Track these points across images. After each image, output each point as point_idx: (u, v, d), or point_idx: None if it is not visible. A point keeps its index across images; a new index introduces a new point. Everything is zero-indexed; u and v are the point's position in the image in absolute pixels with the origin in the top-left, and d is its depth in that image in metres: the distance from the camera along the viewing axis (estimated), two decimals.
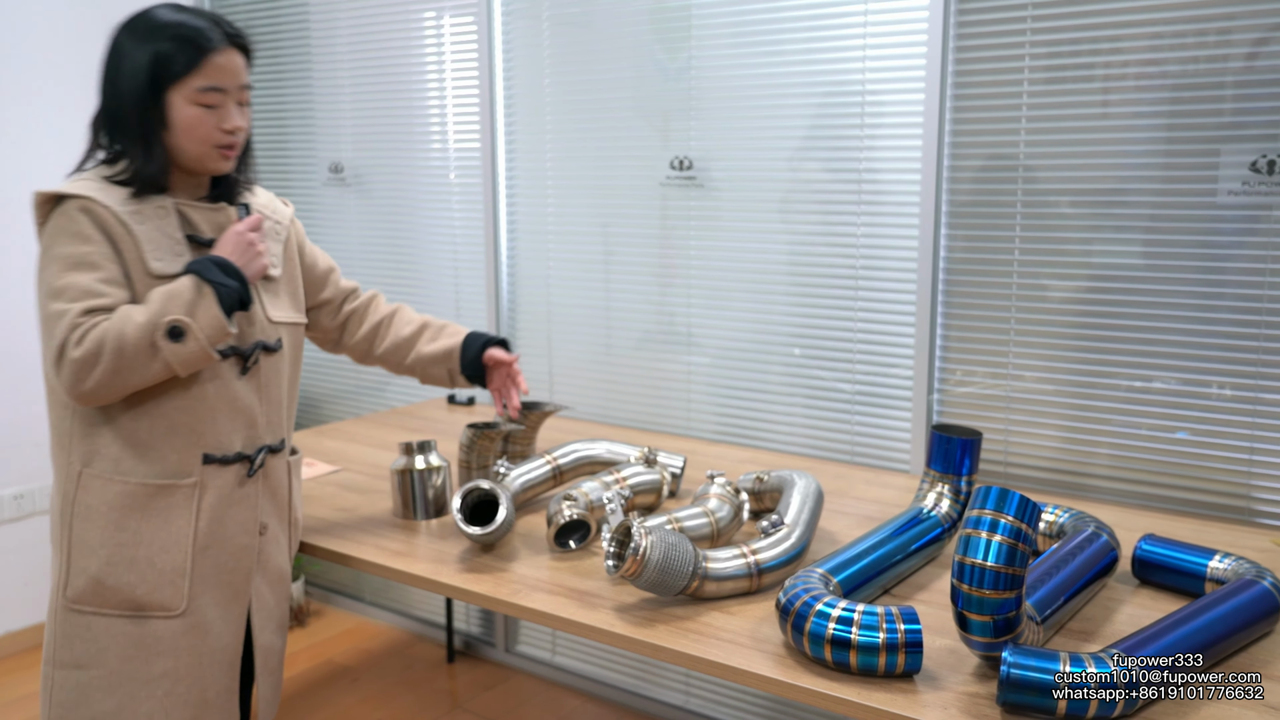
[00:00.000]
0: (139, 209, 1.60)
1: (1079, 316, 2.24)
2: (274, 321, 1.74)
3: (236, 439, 1.69)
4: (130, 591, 1.62)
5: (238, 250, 1.63)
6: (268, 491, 1.76)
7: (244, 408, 1.69)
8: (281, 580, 1.82)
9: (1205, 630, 1.40)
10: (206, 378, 1.64)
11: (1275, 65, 1.98)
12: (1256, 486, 2.10)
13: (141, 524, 1.62)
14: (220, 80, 1.61)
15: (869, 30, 2.40)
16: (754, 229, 2.64)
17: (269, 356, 1.73)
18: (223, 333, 1.57)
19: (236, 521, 1.70)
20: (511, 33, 2.99)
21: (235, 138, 1.65)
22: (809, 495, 1.89)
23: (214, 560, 1.68)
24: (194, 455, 1.65)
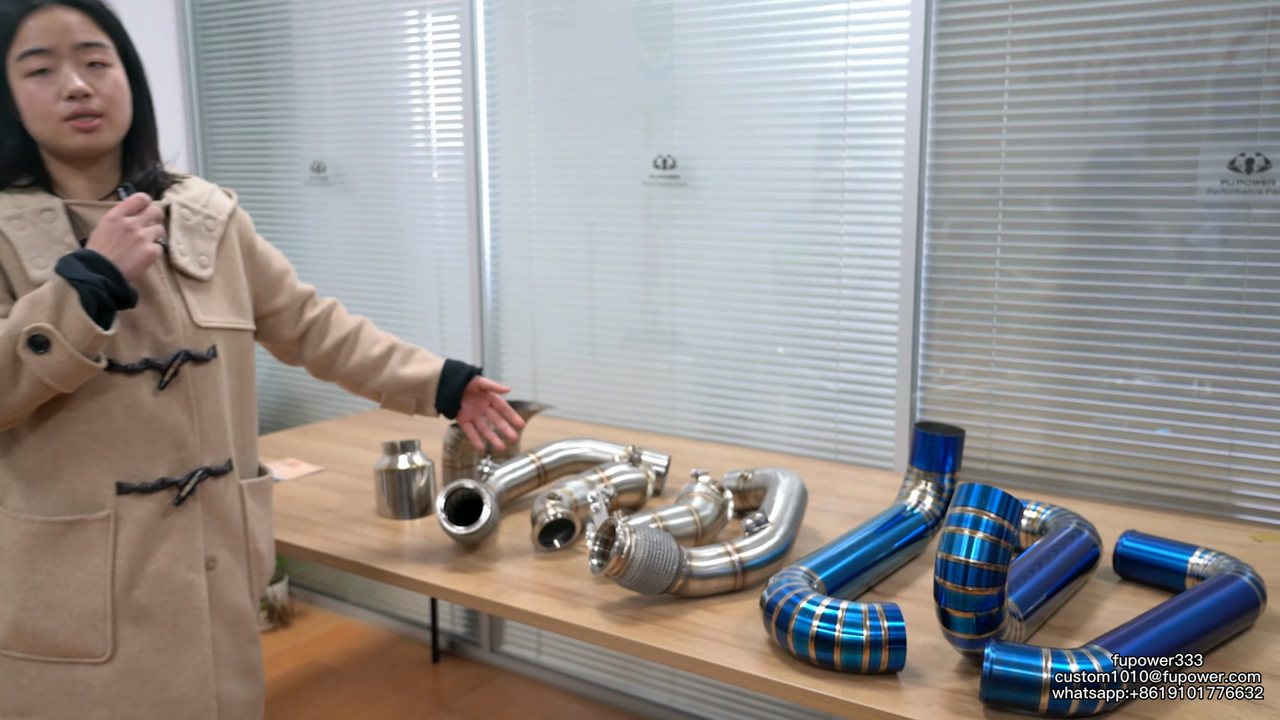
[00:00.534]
0: (19, 213, 1.43)
1: (1060, 314, 2.26)
2: (202, 327, 1.53)
3: (159, 463, 1.48)
4: (51, 637, 1.45)
5: (111, 239, 1.39)
6: (213, 520, 1.55)
7: (167, 427, 1.48)
8: (241, 620, 1.60)
9: (1186, 625, 1.41)
10: (112, 394, 1.44)
11: (1254, 64, 2.00)
12: (1236, 483, 2.11)
13: (54, 565, 1.44)
14: (43, 41, 1.40)
15: (851, 29, 2.41)
16: (737, 228, 2.64)
17: (198, 367, 1.51)
18: (91, 337, 1.34)
19: (169, 556, 1.49)
20: (494, 31, 2.98)
21: (86, 104, 1.42)
22: (793, 493, 1.89)
23: (143, 601, 1.48)
24: (105, 484, 1.45)
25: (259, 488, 1.66)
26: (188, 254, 1.54)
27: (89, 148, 1.45)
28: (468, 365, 1.87)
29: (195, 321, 1.52)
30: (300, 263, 3.50)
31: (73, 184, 1.49)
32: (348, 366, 1.84)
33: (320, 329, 1.83)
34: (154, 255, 1.42)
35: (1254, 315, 2.05)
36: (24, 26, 1.41)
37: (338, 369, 1.85)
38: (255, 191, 3.60)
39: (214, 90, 3.63)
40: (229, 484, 1.57)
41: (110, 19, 1.48)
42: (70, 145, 1.44)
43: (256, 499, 1.64)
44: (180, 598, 1.50)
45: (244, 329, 1.63)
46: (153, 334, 1.48)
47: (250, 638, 1.64)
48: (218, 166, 3.68)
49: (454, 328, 3.19)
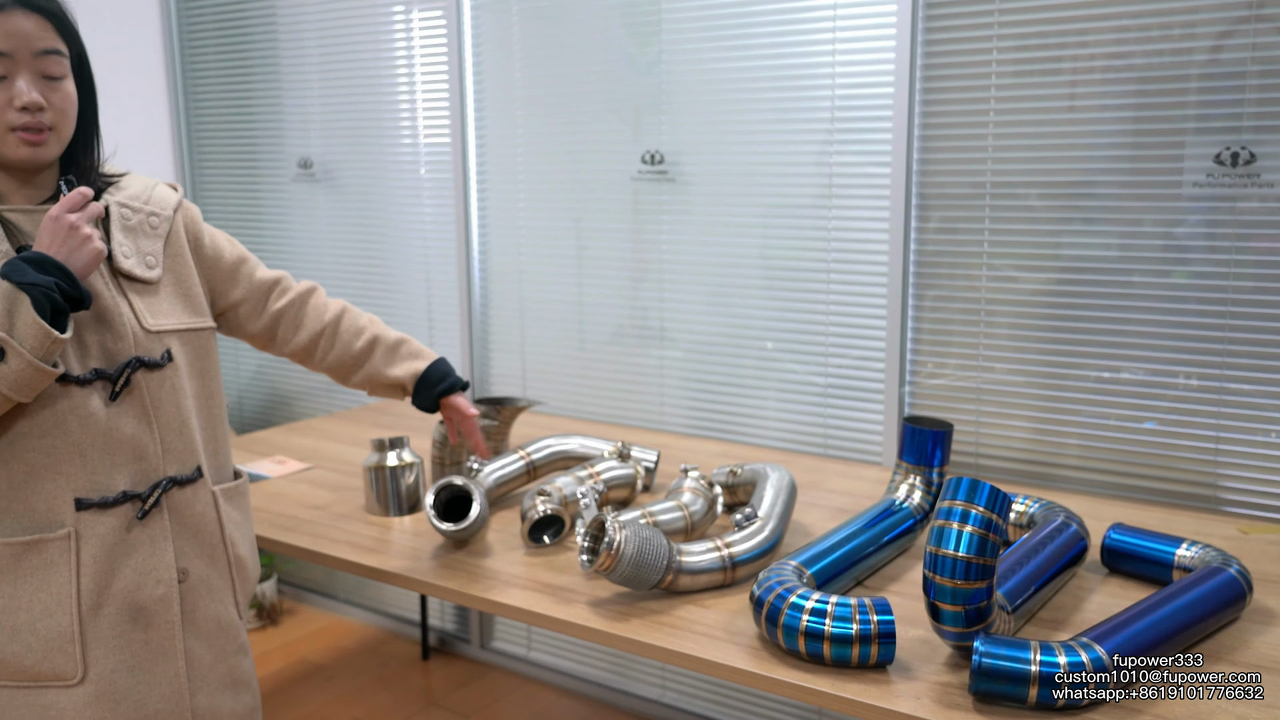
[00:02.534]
0: None
1: (1048, 308, 2.26)
2: (152, 331, 1.45)
3: (119, 476, 1.41)
4: (19, 662, 1.38)
5: (56, 238, 1.32)
6: (184, 531, 1.48)
7: (124, 438, 1.41)
8: (222, 631, 1.53)
9: (1174, 618, 1.42)
10: (65, 406, 1.37)
11: (1239, 59, 2.00)
12: (1223, 475, 2.12)
13: (15, 588, 1.38)
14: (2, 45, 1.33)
15: (838, 25, 2.41)
16: (726, 223, 2.64)
17: (152, 373, 1.44)
18: (48, 340, 1.28)
19: (136, 572, 1.43)
20: (481, 27, 2.97)
21: (37, 117, 1.36)
22: (782, 488, 1.89)
23: (113, 619, 1.41)
24: (64, 501, 1.38)
25: (234, 492, 1.58)
26: (131, 255, 1.47)
27: (32, 161, 1.39)
28: (450, 376, 1.80)
29: (145, 326, 1.45)
30: (287, 260, 3.49)
31: (9, 191, 1.41)
32: (327, 361, 1.76)
33: (292, 320, 1.72)
34: (102, 252, 1.36)
35: (1240, 309, 2.06)
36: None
37: (317, 363, 1.77)
38: (241, 188, 3.58)
39: (199, 87, 3.61)
40: (199, 491, 1.50)
41: (69, 26, 1.42)
42: (13, 156, 1.38)
43: (232, 504, 1.57)
44: (150, 614, 1.44)
45: (201, 328, 1.55)
46: (101, 342, 1.41)
47: (236, 648, 1.56)
48: (204, 163, 3.66)
49: (442, 324, 3.19)
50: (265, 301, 1.69)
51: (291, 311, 1.72)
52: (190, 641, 1.49)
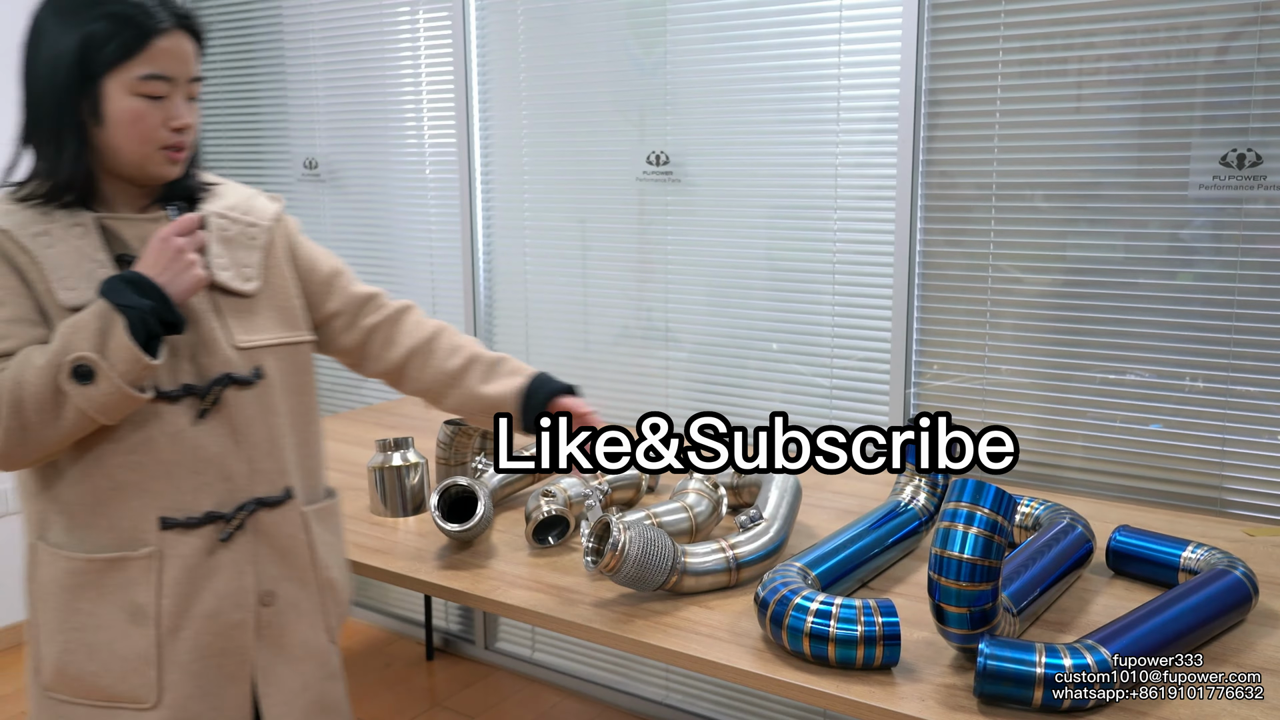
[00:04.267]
0: (47, 229, 1.32)
1: (1053, 310, 2.26)
2: (243, 347, 1.41)
3: (205, 496, 1.37)
4: (95, 681, 1.36)
5: (160, 261, 1.29)
6: (271, 553, 1.43)
7: (211, 457, 1.37)
8: (311, 656, 1.47)
9: (1179, 620, 1.41)
10: (154, 424, 1.33)
11: (1246, 60, 2.00)
12: (1228, 477, 2.12)
13: (96, 605, 1.35)
14: (167, 68, 1.33)
15: (844, 26, 2.41)
16: (731, 224, 2.64)
17: (242, 391, 1.39)
18: (139, 366, 1.25)
19: (217, 595, 1.38)
20: (486, 27, 2.97)
21: (183, 137, 1.37)
22: (787, 489, 1.89)
23: (191, 644, 1.37)
24: (148, 520, 1.35)
25: (325, 512, 1.52)
26: (229, 268, 1.42)
27: (169, 177, 1.39)
28: (555, 381, 1.62)
29: (235, 343, 1.40)
30: None
31: (118, 198, 1.40)
32: (422, 381, 1.63)
33: (386, 336, 1.62)
34: (204, 280, 1.33)
35: (1246, 310, 2.06)
36: (154, 46, 1.31)
37: (410, 382, 1.64)
38: None
39: (205, 86, 3.61)
40: (288, 513, 1.44)
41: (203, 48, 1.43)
42: (155, 172, 1.37)
43: (323, 524, 1.51)
44: (227, 639, 1.39)
45: (298, 341, 1.49)
46: (192, 357, 1.37)
47: (328, 674, 1.50)
48: (208, 164, 3.66)
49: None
50: (359, 316, 1.61)
51: (385, 328, 1.62)
52: (277, 667, 1.43)
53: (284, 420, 1.45)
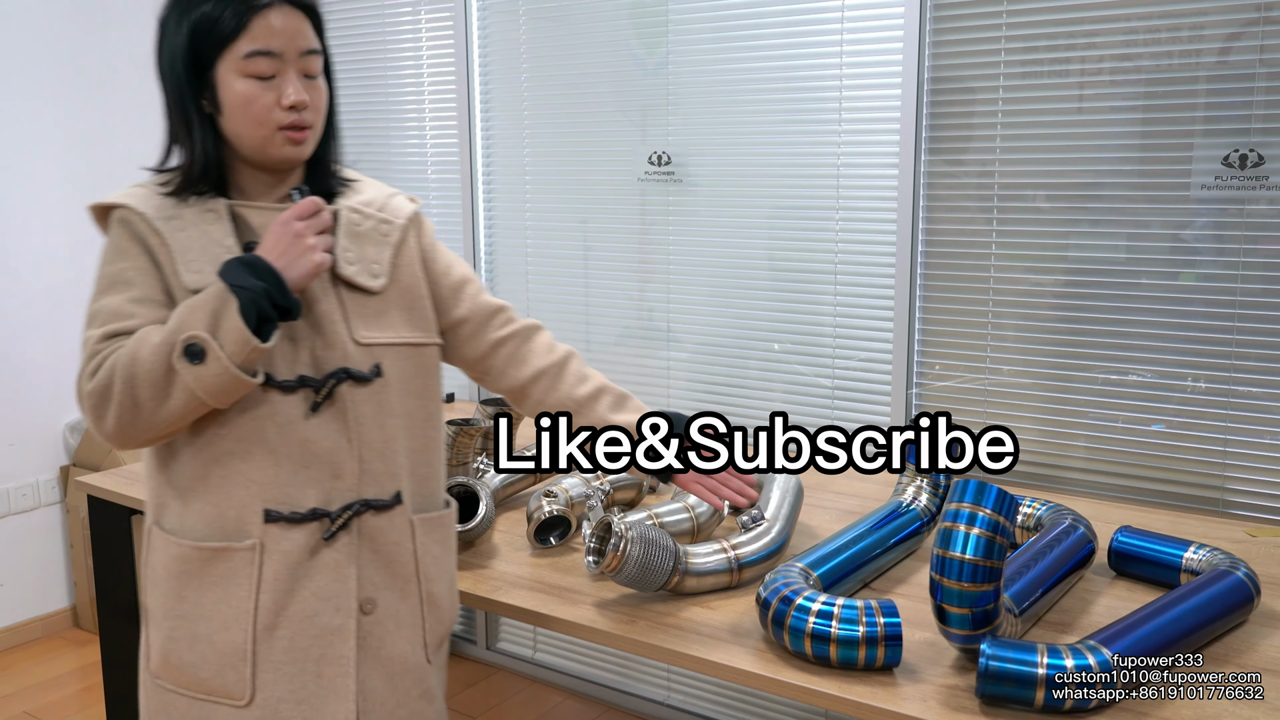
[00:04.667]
0: (180, 214, 1.34)
1: (1055, 310, 2.26)
2: (363, 343, 1.38)
3: (311, 491, 1.34)
4: (195, 672, 1.34)
5: (279, 245, 1.28)
6: (375, 559, 1.38)
7: (321, 452, 1.34)
8: (407, 671, 1.41)
9: (1181, 621, 1.41)
10: (265, 412, 1.32)
11: (1248, 61, 2.00)
12: (1230, 478, 2.12)
13: (201, 594, 1.34)
14: (272, 43, 1.30)
15: (846, 26, 2.41)
16: (733, 224, 2.64)
17: (359, 388, 1.36)
18: (248, 349, 1.23)
19: (317, 596, 1.34)
20: (488, 28, 2.97)
21: (302, 115, 1.34)
22: (789, 490, 1.89)
23: (286, 644, 1.33)
24: (253, 510, 1.32)
25: (436, 523, 1.47)
26: (356, 263, 1.40)
27: (295, 159, 1.37)
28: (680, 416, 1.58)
29: (356, 338, 1.38)
30: None
31: (250, 186, 1.39)
32: (546, 403, 1.57)
33: (511, 354, 1.57)
34: (323, 265, 1.30)
35: (1248, 311, 2.05)
36: (254, 23, 1.30)
37: (533, 404, 1.59)
38: None
39: None
40: (395, 519, 1.40)
41: (322, 24, 1.40)
42: (277, 155, 1.35)
43: (432, 535, 1.46)
44: (325, 644, 1.35)
45: (423, 343, 1.46)
46: (311, 349, 1.35)
47: (422, 693, 1.44)
48: None
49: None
50: (486, 327, 1.56)
51: (512, 345, 1.57)
52: (373, 679, 1.38)
53: (400, 422, 1.41)
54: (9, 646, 3.33)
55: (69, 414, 3.44)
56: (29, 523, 3.37)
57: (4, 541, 3.31)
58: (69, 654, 3.31)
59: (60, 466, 3.43)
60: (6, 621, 3.35)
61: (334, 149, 1.47)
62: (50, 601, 3.45)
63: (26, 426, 3.34)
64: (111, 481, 2.30)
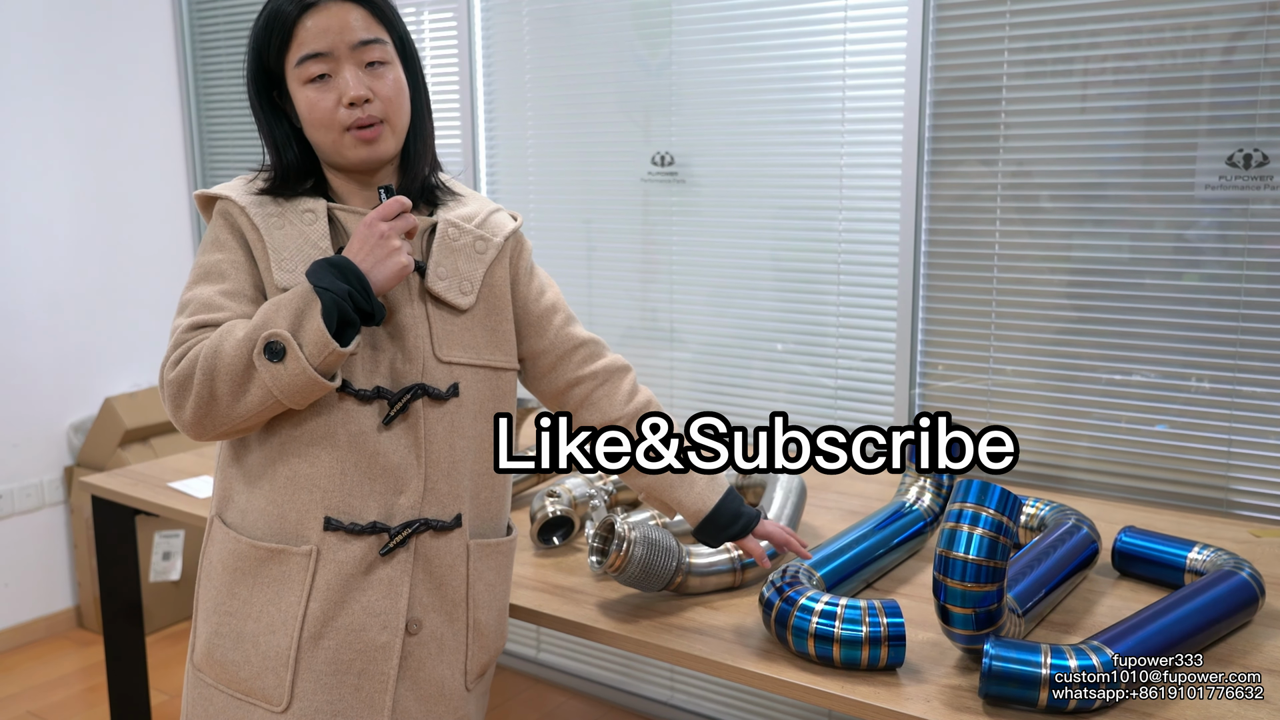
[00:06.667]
0: (281, 212, 1.33)
1: (1059, 310, 2.26)
2: (444, 361, 1.35)
3: (374, 504, 1.32)
4: (236, 671, 1.33)
5: (365, 246, 1.26)
6: (427, 579, 1.36)
7: (389, 466, 1.32)
8: (445, 697, 1.39)
9: (1185, 621, 1.41)
10: (338, 419, 1.30)
11: (1252, 60, 2.00)
12: (1235, 478, 2.11)
13: (252, 593, 1.33)
14: (317, 44, 1.29)
15: (849, 26, 2.40)
16: (736, 224, 2.64)
17: (434, 406, 1.34)
18: (328, 351, 1.21)
19: (367, 611, 1.32)
20: (491, 28, 2.98)
21: (366, 111, 1.30)
22: (792, 490, 1.89)
23: (331, 655, 1.31)
24: (314, 516, 1.31)
25: (493, 549, 1.44)
26: (447, 277, 1.37)
27: (371, 159, 1.34)
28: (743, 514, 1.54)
29: (438, 355, 1.35)
30: None
31: (345, 191, 1.39)
32: None
33: (586, 396, 1.52)
34: (407, 268, 1.27)
35: (1252, 311, 2.05)
36: (301, 27, 1.29)
37: None
38: None
39: (211, 90, 3.62)
40: (453, 542, 1.38)
41: (388, 10, 1.35)
42: (352, 157, 1.33)
43: (487, 562, 1.43)
44: (368, 659, 1.33)
45: (502, 368, 1.43)
46: (391, 360, 1.33)
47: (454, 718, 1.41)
48: (214, 165, 3.67)
49: None
50: (566, 362, 1.51)
51: (589, 385, 1.52)
52: (408, 700, 1.36)
53: (469, 444, 1.39)
54: (13, 646, 3.34)
55: (73, 414, 3.45)
56: (33, 523, 3.38)
57: (8, 542, 3.31)
58: (72, 654, 3.31)
59: (64, 467, 3.44)
60: (10, 621, 3.35)
61: (425, 147, 1.42)
62: (54, 602, 3.45)
63: (30, 427, 3.34)
64: (115, 482, 2.30)
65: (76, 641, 3.40)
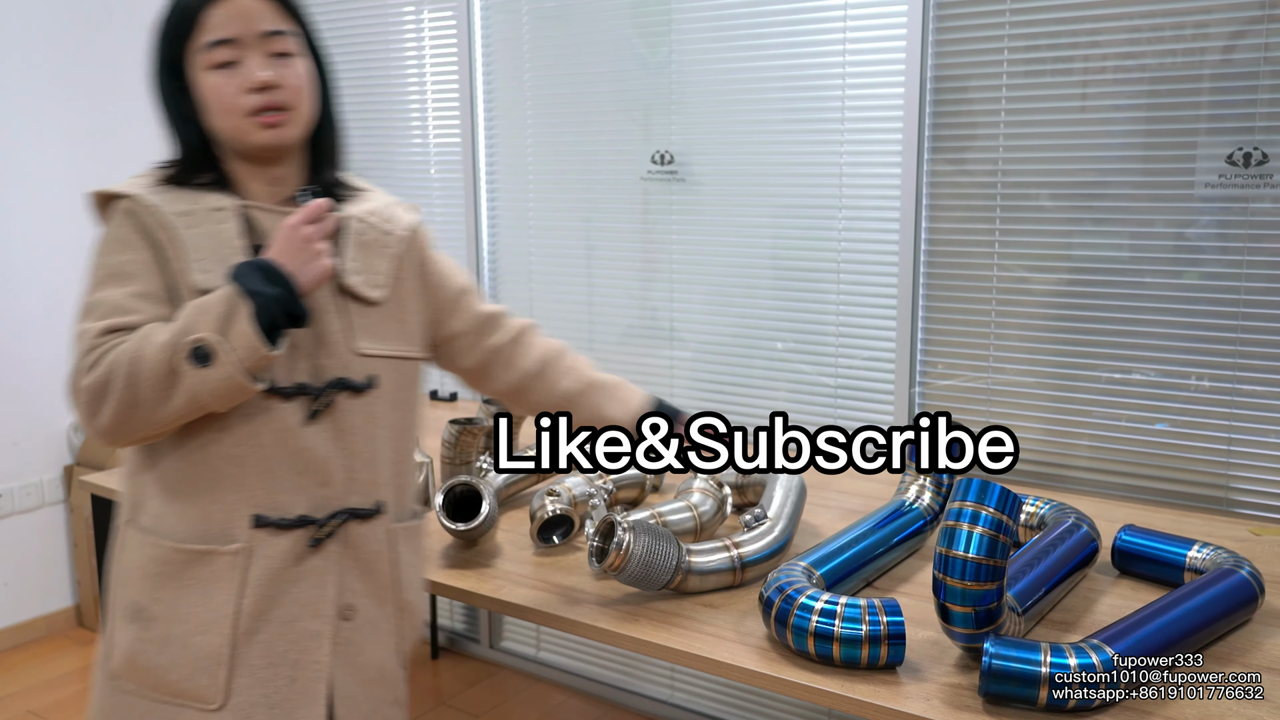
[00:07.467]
0: (191, 210, 1.31)
1: (1059, 309, 2.26)
2: (363, 354, 1.38)
3: (301, 498, 1.34)
4: (164, 675, 1.32)
5: (288, 248, 1.27)
6: (355, 566, 1.38)
7: (314, 460, 1.34)
8: (383, 679, 1.43)
9: (1184, 620, 1.41)
10: (262, 419, 1.31)
11: (1251, 59, 2.00)
12: (1234, 477, 2.11)
13: (177, 596, 1.32)
14: (227, 30, 1.29)
15: (849, 25, 2.40)
16: (735, 223, 2.64)
17: (354, 399, 1.36)
18: (258, 355, 1.22)
19: (298, 602, 1.34)
20: (491, 27, 2.97)
21: (273, 96, 1.31)
22: (792, 489, 1.89)
23: (265, 649, 1.33)
24: (242, 515, 1.31)
25: (412, 532, 1.48)
26: (360, 273, 1.39)
27: (274, 144, 1.33)
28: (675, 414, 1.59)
29: (356, 349, 1.37)
30: None
31: (251, 185, 1.37)
32: (538, 403, 1.61)
33: (505, 359, 1.58)
34: (330, 270, 1.30)
35: (1252, 309, 2.05)
36: (207, 14, 1.29)
37: (531, 405, 1.62)
38: None
39: None
40: (377, 528, 1.40)
41: (296, 4, 1.37)
42: (255, 141, 1.32)
43: (409, 544, 1.47)
44: (302, 649, 1.34)
45: (411, 357, 1.46)
46: (310, 357, 1.34)
47: (393, 699, 1.45)
48: None
49: None
50: (481, 336, 1.57)
51: (508, 349, 1.59)
52: (349, 685, 1.38)
53: (385, 433, 1.41)
54: (13, 645, 3.34)
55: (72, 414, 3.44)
56: (32, 522, 3.38)
57: (8, 541, 3.31)
58: (72, 653, 3.31)
59: (64, 466, 3.44)
60: (10, 620, 3.35)
61: (334, 140, 1.44)
62: (54, 600, 3.46)
63: (30, 426, 3.34)
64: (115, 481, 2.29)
65: (76, 640, 3.40)
